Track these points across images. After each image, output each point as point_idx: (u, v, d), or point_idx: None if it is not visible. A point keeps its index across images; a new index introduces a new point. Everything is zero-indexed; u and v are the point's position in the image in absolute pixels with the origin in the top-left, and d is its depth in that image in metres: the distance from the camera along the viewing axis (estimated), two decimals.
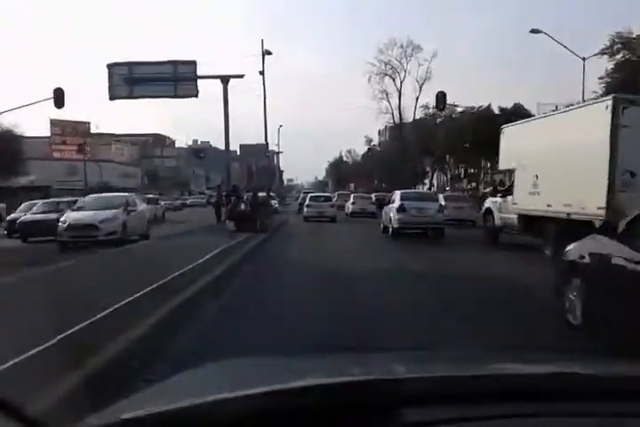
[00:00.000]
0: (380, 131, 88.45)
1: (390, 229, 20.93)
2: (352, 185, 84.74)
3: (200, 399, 1.21)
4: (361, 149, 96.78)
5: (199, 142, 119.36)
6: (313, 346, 5.16)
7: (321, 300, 8.30)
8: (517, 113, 51.08)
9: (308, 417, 1.15)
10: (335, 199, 36.71)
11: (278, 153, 61.44)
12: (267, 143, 31.07)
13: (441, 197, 26.61)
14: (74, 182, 49.78)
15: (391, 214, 20.99)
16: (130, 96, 18.19)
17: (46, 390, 3.36)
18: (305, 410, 1.16)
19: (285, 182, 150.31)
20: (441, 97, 25.32)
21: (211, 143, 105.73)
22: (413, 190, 30.36)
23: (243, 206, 20.70)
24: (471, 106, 55.90)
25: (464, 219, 26.49)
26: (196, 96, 18.03)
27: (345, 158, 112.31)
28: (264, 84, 29.25)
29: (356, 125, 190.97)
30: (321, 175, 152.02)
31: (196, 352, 5.00)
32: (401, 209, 20.46)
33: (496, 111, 51.63)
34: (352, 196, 39.95)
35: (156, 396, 1.44)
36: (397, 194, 21.91)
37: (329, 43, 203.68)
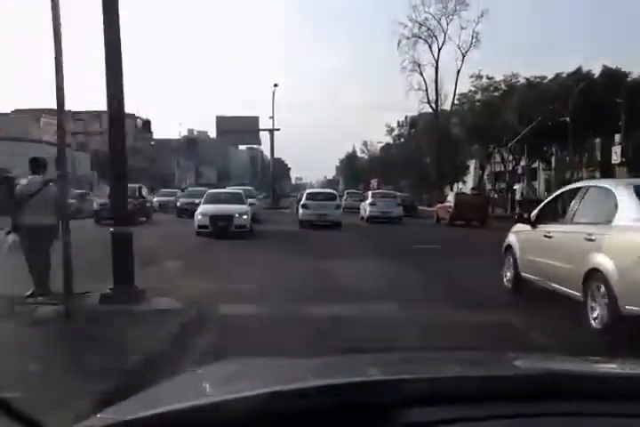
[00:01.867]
0: (399, 122, 72.83)
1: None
2: (374, 182, 68.49)
3: (202, 401, 1.21)
4: (380, 140, 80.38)
5: (195, 132, 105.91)
6: None
7: None
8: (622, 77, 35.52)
9: (309, 418, 1.14)
10: (344, 198, 31.40)
11: (273, 131, 40.37)
12: None
13: None
14: None
15: (604, 263, 5.19)
16: None
17: None
18: (305, 411, 1.15)
19: (294, 181, 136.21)
20: None
21: (209, 134, 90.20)
22: None
23: None
24: (541, 75, 40.42)
25: None
26: None
27: (360, 153, 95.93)
28: None
29: (371, 120, 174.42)
30: (331, 175, 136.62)
31: None
32: None
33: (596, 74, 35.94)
34: (370, 194, 30.94)
35: (157, 397, 1.42)
36: (625, 193, 5.95)
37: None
